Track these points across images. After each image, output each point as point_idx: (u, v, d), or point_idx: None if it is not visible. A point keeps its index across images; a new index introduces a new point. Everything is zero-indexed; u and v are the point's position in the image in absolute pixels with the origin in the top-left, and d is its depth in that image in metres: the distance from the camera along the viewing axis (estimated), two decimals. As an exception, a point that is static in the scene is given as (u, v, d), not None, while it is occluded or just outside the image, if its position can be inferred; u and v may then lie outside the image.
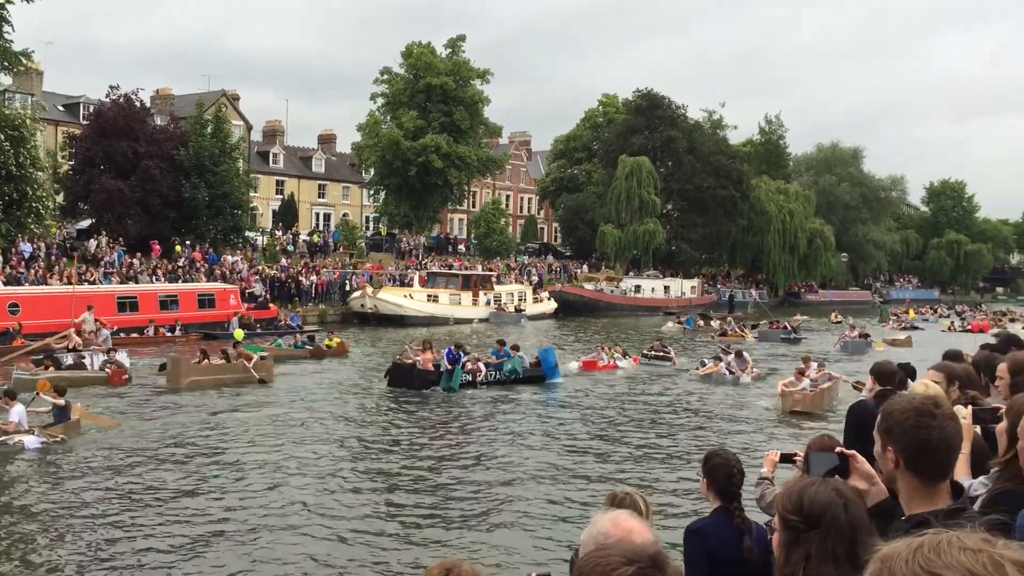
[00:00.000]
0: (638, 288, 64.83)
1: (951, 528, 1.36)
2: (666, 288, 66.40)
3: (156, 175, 45.67)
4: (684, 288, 68.08)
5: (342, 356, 30.49)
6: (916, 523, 2.49)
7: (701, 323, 47.51)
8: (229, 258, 46.63)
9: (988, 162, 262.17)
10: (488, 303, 51.28)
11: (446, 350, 24.49)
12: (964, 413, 3.91)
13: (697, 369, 27.53)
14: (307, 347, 30.65)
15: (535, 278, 62.44)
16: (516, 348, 25.64)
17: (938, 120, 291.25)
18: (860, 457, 2.77)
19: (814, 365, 22.98)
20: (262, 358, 24.54)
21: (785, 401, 20.62)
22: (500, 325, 46.97)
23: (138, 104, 48.00)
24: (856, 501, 2.63)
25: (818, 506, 2.62)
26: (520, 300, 54.56)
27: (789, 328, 43.69)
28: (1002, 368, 4.97)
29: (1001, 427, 3.30)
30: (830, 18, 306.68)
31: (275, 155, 72.52)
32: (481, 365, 24.10)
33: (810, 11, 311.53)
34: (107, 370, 22.95)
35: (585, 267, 70.56)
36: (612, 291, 62.79)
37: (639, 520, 2.40)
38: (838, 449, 2.87)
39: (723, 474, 4.50)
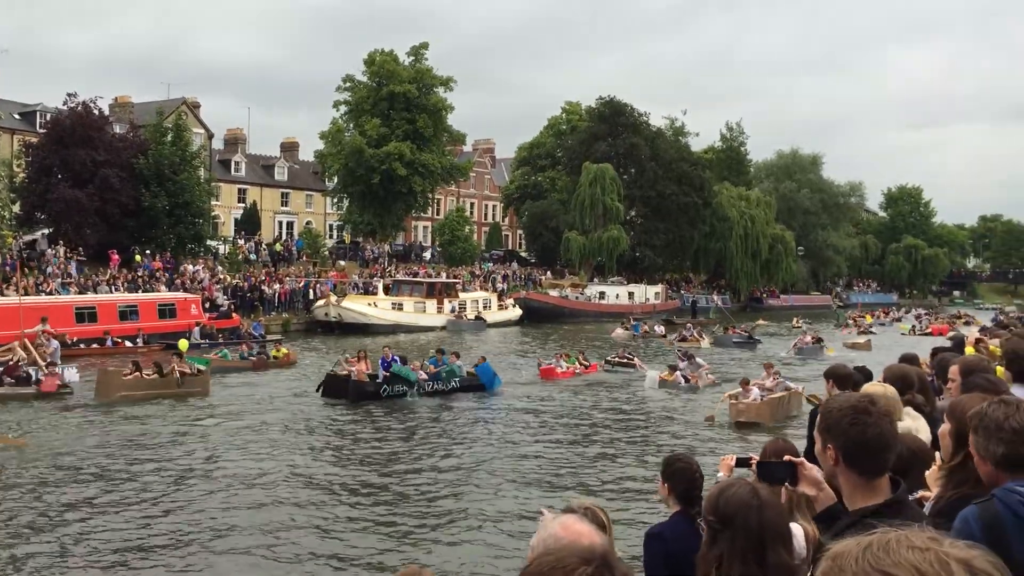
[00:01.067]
0: (602, 295, 65.09)
1: (898, 526, 1.40)
2: (630, 294, 66.72)
3: (115, 184, 45.08)
4: (648, 294, 68.45)
5: (289, 367, 29.61)
6: (859, 517, 2.55)
7: (646, 328, 47.57)
8: (190, 267, 46.12)
9: (943, 169, 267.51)
10: (452, 311, 51.13)
11: (381, 358, 23.81)
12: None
13: (656, 374, 27.04)
14: (251, 358, 29.86)
15: (500, 285, 62.47)
16: (456, 355, 25.28)
17: (895, 128, 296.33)
18: (808, 464, 2.83)
19: (770, 373, 22.31)
20: (198, 371, 23.80)
21: (731, 411, 19.97)
22: (458, 333, 46.77)
23: (96, 112, 47.37)
24: (773, 506, 2.71)
25: (732, 508, 2.70)
26: (484, 307, 54.54)
27: (745, 333, 43.88)
28: (953, 370, 5.07)
29: (944, 429, 3.30)
30: (787, 29, 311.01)
31: (237, 163, 71.88)
32: (421, 373, 23.65)
33: (767, 23, 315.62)
34: (40, 378, 22.17)
35: (548, 273, 70.70)
36: (577, 298, 62.96)
37: (588, 524, 2.43)
38: (787, 457, 2.93)
39: (685, 478, 4.51)
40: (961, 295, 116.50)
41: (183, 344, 31.08)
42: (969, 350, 7.96)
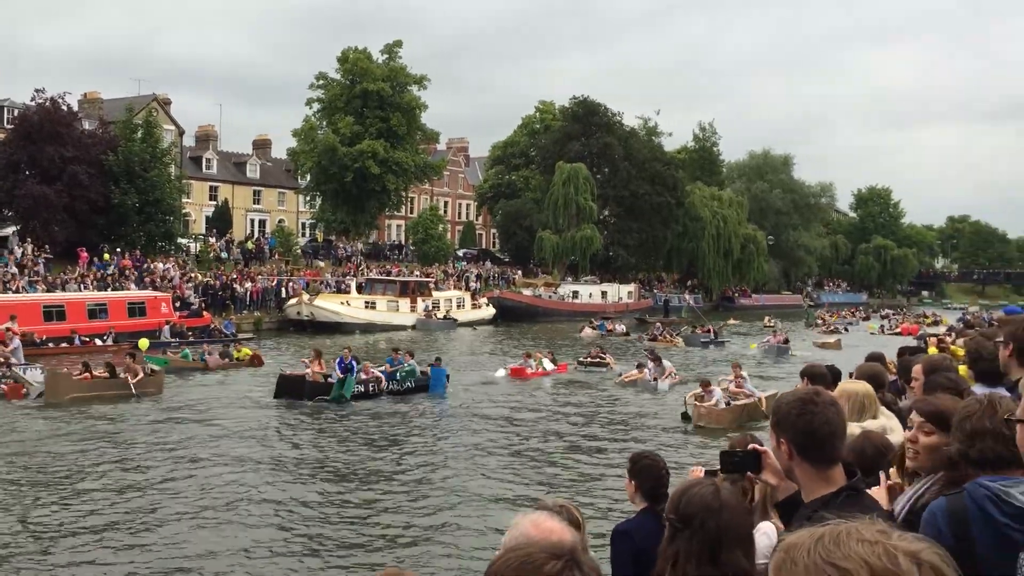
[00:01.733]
0: (576, 294, 65.24)
1: (849, 517, 1.42)
2: (603, 293, 66.91)
3: (84, 180, 44.57)
4: (621, 293, 68.69)
5: (252, 367, 28.81)
6: (814, 508, 2.60)
7: (611, 327, 47.66)
8: (160, 265, 45.70)
9: (913, 170, 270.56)
10: (425, 310, 50.99)
11: (338, 359, 23.33)
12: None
13: (620, 376, 27.02)
14: (211, 358, 28.96)
15: (474, 284, 62.44)
16: (411, 354, 25.00)
17: (866, 129, 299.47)
18: (771, 453, 2.87)
19: (736, 375, 21.77)
20: (152, 371, 23.11)
21: (694, 415, 19.52)
22: (428, 332, 46.52)
23: (65, 108, 46.82)
24: (735, 509, 2.74)
25: (693, 508, 2.74)
26: (458, 306, 54.48)
27: (712, 333, 43.90)
28: (917, 369, 5.15)
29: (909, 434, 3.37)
30: (759, 31, 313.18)
31: (208, 160, 71.28)
32: (376, 372, 23.21)
33: (740, 24, 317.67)
34: (3, 386, 21.63)
35: (520, 272, 70.73)
36: (550, 297, 63.06)
37: (559, 521, 2.45)
38: (751, 446, 2.96)
39: (652, 476, 4.54)
40: (930, 295, 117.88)
41: (143, 343, 30.66)
42: (932, 350, 8.08)
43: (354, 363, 22.92)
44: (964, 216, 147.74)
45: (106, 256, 44.72)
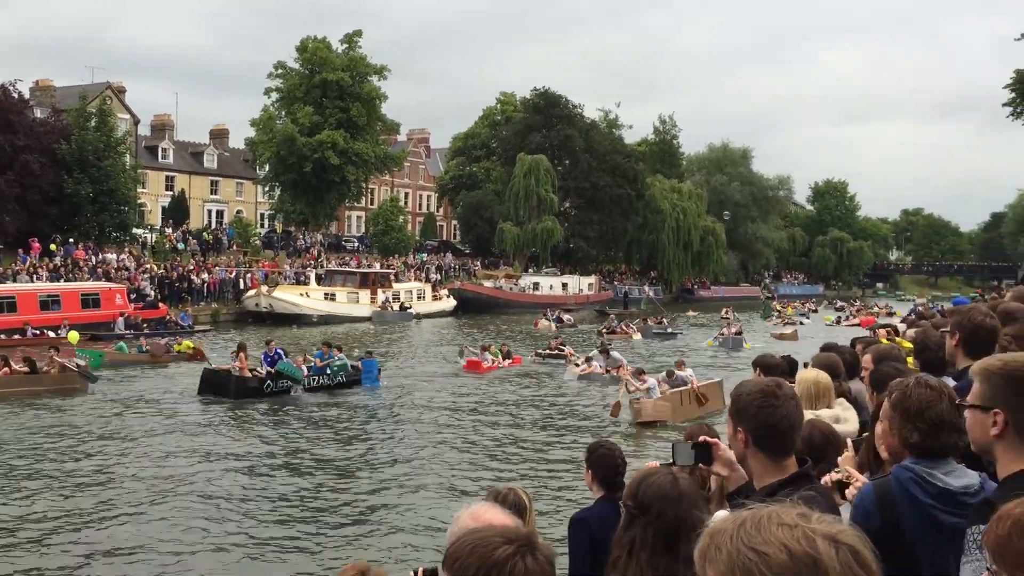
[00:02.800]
0: (536, 285, 65.33)
1: (773, 502, 1.45)
2: (564, 285, 67.10)
3: (36, 169, 43.67)
4: (582, 285, 68.94)
5: (194, 361, 26.89)
6: (764, 494, 2.65)
7: (564, 319, 47.77)
8: (115, 256, 44.98)
9: (869, 164, 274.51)
10: (383, 302, 50.67)
11: (264, 353, 22.70)
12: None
13: (571, 370, 26.49)
14: (148, 351, 28.34)
15: (434, 276, 62.28)
16: (339, 349, 24.44)
17: (823, 123, 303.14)
18: (722, 445, 2.91)
19: (681, 369, 21.10)
20: (78, 366, 22.06)
21: (632, 411, 18.46)
22: (383, 324, 45.98)
23: (16, 95, 45.83)
24: (692, 498, 2.78)
25: (650, 496, 2.77)
26: (419, 298, 54.32)
27: (664, 324, 43.64)
28: (866, 359, 5.24)
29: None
30: (720, 25, 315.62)
31: (164, 150, 70.23)
32: (305, 368, 22.39)
33: (702, 17, 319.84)
34: None
35: (479, 264, 70.65)
36: (511, 288, 63.07)
37: (501, 511, 2.46)
38: (702, 437, 2.99)
39: (608, 464, 4.59)
40: (884, 287, 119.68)
41: (72, 336, 30.01)
42: (883, 341, 8.23)
43: (280, 355, 22.23)
44: (918, 209, 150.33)
45: (52, 247, 43.79)
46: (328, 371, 22.86)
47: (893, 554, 2.68)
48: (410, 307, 51.38)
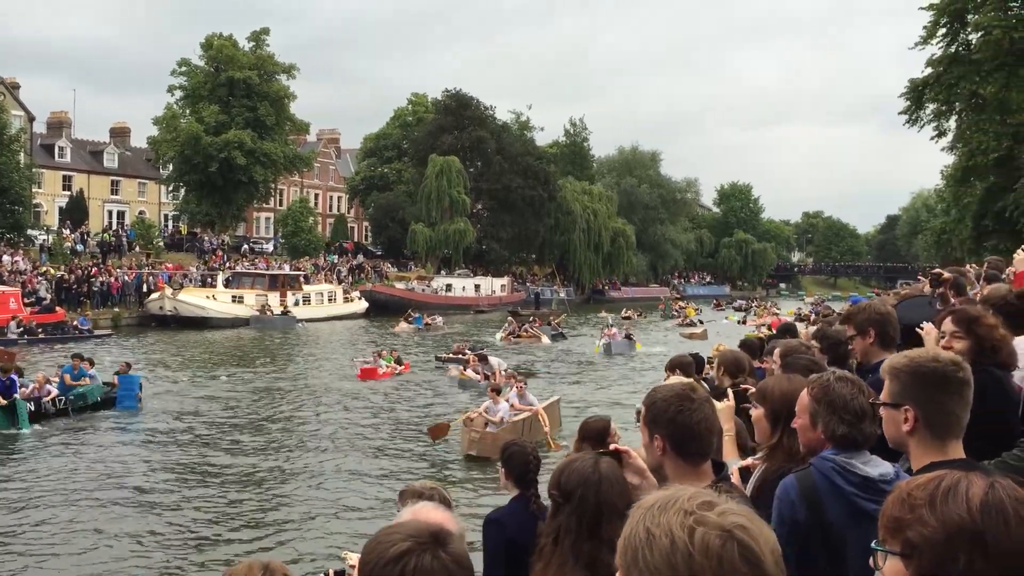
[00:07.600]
0: (449, 287, 65.22)
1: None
2: (476, 287, 67.18)
3: (-80, 168, 41.58)
4: (494, 286, 69.12)
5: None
6: None
7: (428, 321, 47.01)
8: (8, 258, 43.09)
9: (774, 167, 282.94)
10: (265, 305, 47.89)
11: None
12: (723, 404, 4.20)
13: (457, 373, 25.48)
14: None
15: (346, 278, 61.58)
16: (91, 363, 20.55)
17: (731, 127, 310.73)
18: (633, 453, 2.88)
19: (514, 384, 18.03)
20: None
21: (463, 441, 15.56)
22: (263, 330, 42.71)
23: (-102, 89, 43.52)
24: (613, 481, 2.77)
25: (572, 482, 2.77)
26: (329, 300, 53.64)
27: (553, 326, 42.64)
28: (775, 353, 5.34)
29: (758, 413, 3.46)
30: (632, 33, 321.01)
31: (61, 148, 67.61)
32: (50, 388, 18.56)
33: (612, 25, 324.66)
34: None
35: (389, 264, 70.15)
36: (423, 290, 62.78)
37: (442, 510, 2.41)
38: (612, 446, 2.99)
39: (520, 461, 4.61)
40: (787, 287, 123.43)
41: None
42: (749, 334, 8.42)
43: (15, 380, 17.60)
44: (818, 212, 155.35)
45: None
46: (72, 394, 18.94)
47: (820, 544, 2.75)
48: (291, 312, 48.18)
